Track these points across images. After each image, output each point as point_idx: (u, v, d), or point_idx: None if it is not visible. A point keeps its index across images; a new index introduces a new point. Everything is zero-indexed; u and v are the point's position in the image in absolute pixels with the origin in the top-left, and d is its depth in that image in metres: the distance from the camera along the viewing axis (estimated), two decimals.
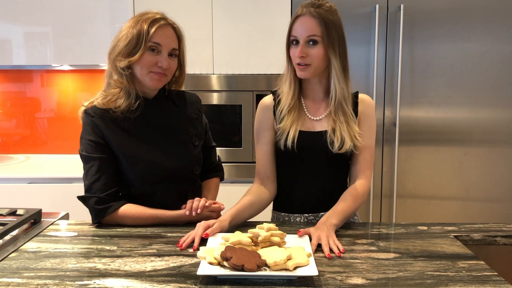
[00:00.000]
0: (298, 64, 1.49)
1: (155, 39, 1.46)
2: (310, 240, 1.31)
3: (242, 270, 1.09)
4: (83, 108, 1.52)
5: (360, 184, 1.54)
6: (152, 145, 1.53)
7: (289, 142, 1.51)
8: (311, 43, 1.47)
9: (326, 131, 1.53)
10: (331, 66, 1.50)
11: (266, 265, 1.13)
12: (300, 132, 1.53)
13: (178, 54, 1.54)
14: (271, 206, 1.70)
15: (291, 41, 1.51)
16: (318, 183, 1.58)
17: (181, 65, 1.58)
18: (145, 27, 1.45)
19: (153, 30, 1.45)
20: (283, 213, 1.64)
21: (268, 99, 1.63)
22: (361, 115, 1.57)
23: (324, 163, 1.56)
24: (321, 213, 1.59)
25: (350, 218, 1.50)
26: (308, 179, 1.58)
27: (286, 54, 1.54)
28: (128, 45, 1.46)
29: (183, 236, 1.40)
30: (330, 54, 1.47)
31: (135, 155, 1.50)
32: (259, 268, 1.10)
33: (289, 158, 1.56)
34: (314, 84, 1.56)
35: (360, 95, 1.60)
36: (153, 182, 1.53)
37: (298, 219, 1.60)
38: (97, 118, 1.48)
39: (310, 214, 1.59)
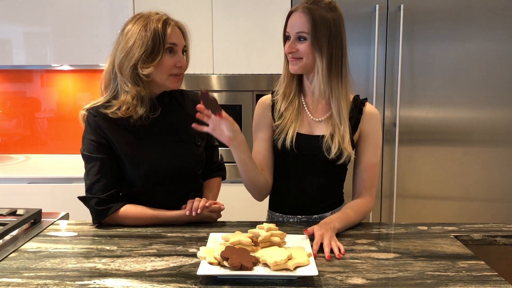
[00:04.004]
0: (290, 58, 1.50)
1: (172, 40, 1.46)
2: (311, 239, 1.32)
3: (240, 269, 1.09)
4: (83, 111, 1.51)
5: (367, 201, 1.54)
6: (155, 144, 1.53)
7: (287, 143, 1.50)
8: (300, 39, 1.47)
9: (323, 136, 1.52)
10: (315, 65, 1.48)
11: (267, 265, 1.13)
12: (298, 134, 1.53)
13: (186, 51, 1.55)
14: (267, 205, 1.70)
15: (286, 37, 1.53)
16: (313, 186, 1.57)
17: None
18: (160, 28, 1.44)
19: (168, 31, 1.45)
20: (277, 213, 1.64)
21: (267, 98, 1.63)
22: (368, 132, 1.55)
23: (320, 167, 1.55)
24: (314, 216, 1.59)
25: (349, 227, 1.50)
26: (303, 181, 1.57)
27: (284, 50, 1.55)
28: (146, 50, 1.43)
29: (183, 236, 1.40)
30: (315, 52, 1.46)
31: (138, 155, 1.50)
32: (254, 265, 1.10)
33: (285, 159, 1.56)
34: (309, 81, 1.56)
35: (368, 108, 1.57)
36: (155, 182, 1.53)
37: (291, 219, 1.60)
38: (99, 118, 1.48)
39: (303, 216, 1.59)
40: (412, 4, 2.55)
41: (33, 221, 1.52)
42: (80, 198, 1.50)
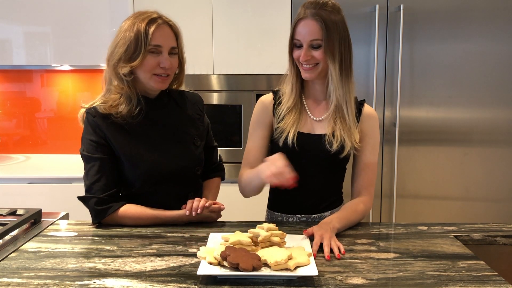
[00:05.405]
0: (304, 66, 1.48)
1: (155, 41, 1.44)
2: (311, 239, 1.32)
3: (237, 269, 1.09)
4: (83, 110, 1.51)
5: (365, 201, 1.55)
6: (154, 145, 1.53)
7: (289, 141, 1.51)
8: (314, 46, 1.46)
9: (325, 135, 1.53)
10: (329, 71, 1.49)
11: (267, 265, 1.13)
12: (300, 133, 1.53)
13: (177, 51, 1.53)
14: (265, 204, 1.70)
15: (294, 44, 1.50)
16: (313, 185, 1.58)
17: (180, 62, 1.57)
18: (142, 28, 1.43)
19: (151, 31, 1.43)
20: (276, 213, 1.64)
21: (268, 98, 1.62)
22: (366, 132, 1.56)
23: (321, 166, 1.56)
24: (313, 215, 1.59)
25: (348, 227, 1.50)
26: (303, 181, 1.57)
27: (289, 56, 1.54)
28: (127, 50, 1.43)
29: (183, 236, 1.40)
30: (328, 59, 1.46)
31: (137, 155, 1.50)
32: (254, 269, 1.10)
33: (286, 158, 1.56)
34: (315, 85, 1.56)
35: (366, 109, 1.58)
36: (154, 182, 1.53)
37: (291, 219, 1.61)
38: (98, 118, 1.48)
39: (302, 215, 1.60)
40: (412, 4, 2.55)
41: (33, 221, 1.52)
42: (80, 198, 1.50)
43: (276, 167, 1.32)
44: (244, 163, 1.61)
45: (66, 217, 1.63)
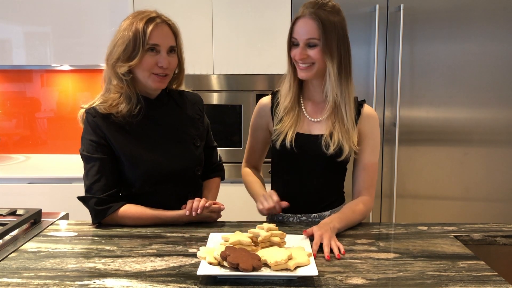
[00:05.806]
0: (300, 65, 1.49)
1: (152, 40, 1.44)
2: (311, 239, 1.32)
3: (237, 269, 1.09)
4: (82, 110, 1.51)
5: (366, 201, 1.55)
6: (154, 145, 1.53)
7: (287, 143, 1.51)
8: (311, 45, 1.46)
9: (322, 135, 1.53)
10: (327, 71, 1.49)
11: (267, 265, 1.13)
12: (297, 134, 1.53)
13: (176, 50, 1.53)
14: None
15: (291, 42, 1.50)
16: (313, 185, 1.58)
17: (179, 62, 1.57)
18: (141, 27, 1.43)
19: (149, 30, 1.43)
20: None
21: (266, 100, 1.63)
22: (366, 132, 1.56)
23: (319, 166, 1.56)
24: (313, 214, 1.59)
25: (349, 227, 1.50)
26: (303, 180, 1.58)
27: (287, 55, 1.54)
28: (125, 49, 1.43)
29: (183, 236, 1.40)
30: (326, 58, 1.46)
31: (137, 155, 1.50)
32: (254, 269, 1.10)
33: (285, 158, 1.57)
34: (314, 86, 1.56)
35: (366, 109, 1.58)
36: (154, 182, 1.53)
37: (291, 219, 1.61)
38: (98, 118, 1.48)
39: (302, 215, 1.60)
40: (412, 4, 2.55)
41: (33, 221, 1.52)
42: (80, 198, 1.50)
43: (268, 204, 1.47)
44: (245, 159, 1.74)
45: (66, 217, 1.63)
